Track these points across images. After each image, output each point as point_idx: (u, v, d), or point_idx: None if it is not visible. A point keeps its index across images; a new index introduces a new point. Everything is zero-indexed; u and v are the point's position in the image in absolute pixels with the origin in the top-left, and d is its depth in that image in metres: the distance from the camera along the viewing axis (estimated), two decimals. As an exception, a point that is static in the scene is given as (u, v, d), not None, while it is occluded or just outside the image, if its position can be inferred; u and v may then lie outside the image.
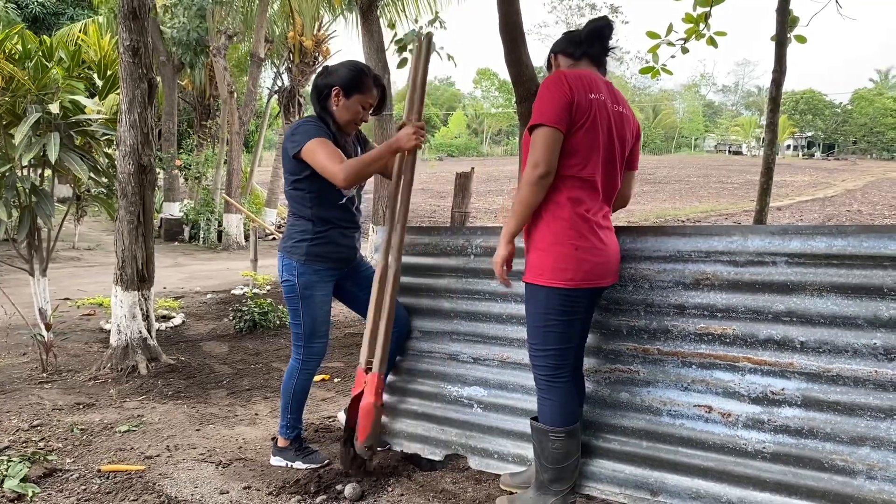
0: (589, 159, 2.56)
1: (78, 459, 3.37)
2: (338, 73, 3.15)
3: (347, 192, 3.17)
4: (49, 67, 5.10)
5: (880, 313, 2.41)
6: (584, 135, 2.53)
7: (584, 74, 2.59)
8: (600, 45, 2.70)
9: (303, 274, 3.13)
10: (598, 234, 2.59)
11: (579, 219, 2.56)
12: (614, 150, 2.64)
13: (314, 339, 3.22)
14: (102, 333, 6.19)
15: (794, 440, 2.54)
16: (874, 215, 20.71)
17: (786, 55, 5.57)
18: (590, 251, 2.56)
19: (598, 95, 2.56)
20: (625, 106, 2.69)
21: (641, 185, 33.12)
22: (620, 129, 2.65)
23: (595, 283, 2.61)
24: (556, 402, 2.68)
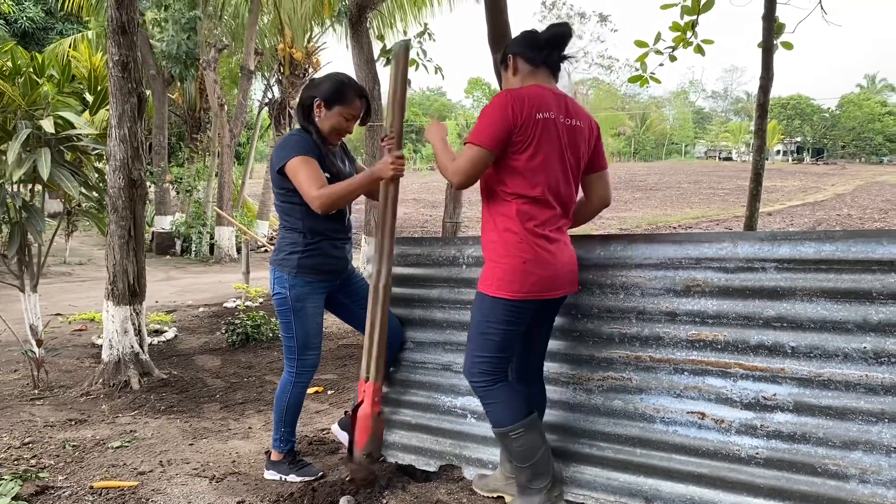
0: (537, 179, 2.60)
1: (70, 476, 3.35)
2: (321, 85, 3.17)
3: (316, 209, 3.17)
4: (39, 84, 5.10)
5: (870, 317, 2.42)
6: (530, 157, 2.57)
7: (532, 94, 2.59)
8: (559, 53, 2.71)
9: (294, 286, 3.12)
10: (547, 247, 2.61)
11: (529, 233, 2.60)
12: (567, 165, 2.65)
13: (307, 351, 3.22)
14: (94, 348, 6.16)
15: (786, 445, 2.54)
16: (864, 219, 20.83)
17: (773, 62, 5.61)
18: (537, 264, 2.59)
19: (547, 114, 2.57)
20: (578, 116, 2.69)
21: (633, 192, 33.25)
22: (573, 142, 2.66)
23: (541, 295, 2.62)
24: (499, 402, 2.70)
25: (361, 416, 3.08)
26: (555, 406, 3.03)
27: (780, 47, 5.82)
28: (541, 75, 2.71)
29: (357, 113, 3.19)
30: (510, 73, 2.77)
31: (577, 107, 2.72)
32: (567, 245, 2.73)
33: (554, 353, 3.04)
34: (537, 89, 2.63)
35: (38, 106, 5.13)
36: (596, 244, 2.98)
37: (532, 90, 2.62)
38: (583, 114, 2.73)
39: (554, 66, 2.73)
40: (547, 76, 2.72)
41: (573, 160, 2.67)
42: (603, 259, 2.95)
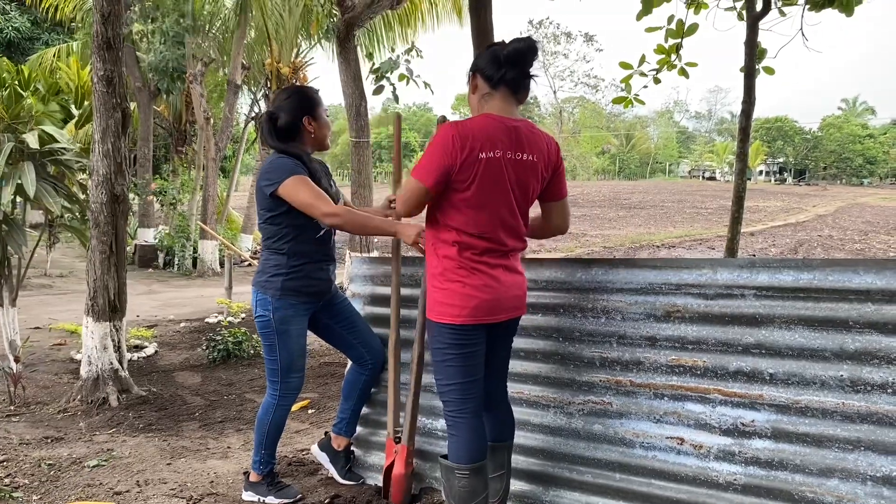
0: (478, 218, 2.54)
1: (45, 496, 3.31)
2: (289, 105, 3.16)
3: (325, 225, 3.16)
4: (24, 97, 5.07)
5: (846, 346, 2.45)
6: (472, 195, 2.52)
7: (478, 129, 2.51)
8: (521, 71, 2.60)
9: (278, 309, 3.11)
10: (489, 272, 2.57)
11: (467, 260, 2.57)
12: (513, 200, 2.58)
13: (291, 374, 3.20)
14: (73, 364, 6.09)
15: (764, 472, 2.56)
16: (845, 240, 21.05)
17: (755, 86, 5.68)
18: (478, 288, 2.56)
19: (492, 153, 2.50)
20: (531, 149, 2.59)
21: (616, 210, 33.42)
22: (521, 178, 2.58)
23: (485, 319, 2.58)
24: (461, 438, 2.66)
25: (396, 476, 3.11)
26: (535, 430, 3.03)
27: (763, 72, 5.91)
28: (499, 96, 2.61)
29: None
30: (470, 92, 2.72)
31: (534, 137, 2.61)
32: (512, 270, 2.66)
33: (535, 376, 3.05)
34: (486, 121, 2.54)
35: (21, 119, 5.11)
36: (577, 268, 3.00)
37: (480, 123, 2.54)
38: (538, 145, 2.61)
39: (514, 85, 2.60)
40: (506, 96, 2.61)
41: (520, 195, 2.61)
42: (584, 282, 2.96)
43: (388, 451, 3.22)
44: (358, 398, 3.46)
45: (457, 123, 2.55)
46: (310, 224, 3.09)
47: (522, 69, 2.59)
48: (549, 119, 58.94)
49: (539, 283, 3.07)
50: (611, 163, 77.38)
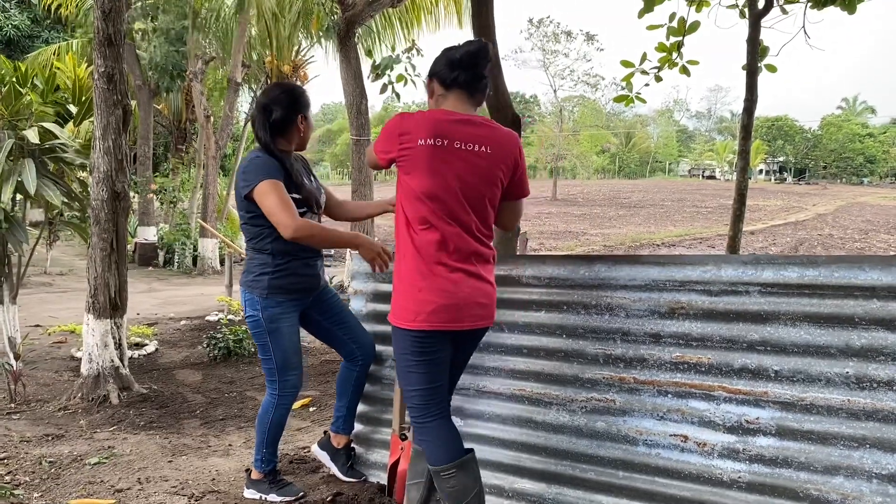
0: (428, 206, 2.53)
1: (46, 494, 3.30)
2: (286, 101, 3.12)
3: (312, 219, 3.14)
4: (23, 94, 5.06)
5: (852, 342, 2.44)
6: (418, 183, 2.52)
7: (425, 119, 2.54)
8: (473, 73, 2.60)
9: (266, 308, 3.08)
10: (447, 276, 2.52)
11: (424, 262, 2.53)
12: (466, 193, 2.55)
13: (287, 372, 3.18)
14: (73, 361, 6.08)
15: (769, 469, 2.54)
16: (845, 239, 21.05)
17: (757, 84, 5.68)
18: (435, 293, 2.51)
19: (438, 141, 2.50)
20: (486, 142, 2.57)
21: (616, 209, 33.43)
22: (474, 169, 2.55)
23: (445, 325, 2.53)
24: (432, 441, 2.64)
25: (402, 473, 3.08)
26: (538, 427, 3.02)
27: (765, 70, 5.89)
28: (452, 97, 2.63)
29: None
30: (428, 97, 2.73)
31: (489, 131, 2.60)
32: (476, 276, 2.58)
33: (538, 374, 3.04)
34: (434, 113, 2.57)
35: (21, 116, 5.10)
36: (580, 264, 2.99)
37: (427, 113, 2.57)
38: (494, 139, 2.59)
39: (467, 86, 2.61)
40: (460, 97, 2.62)
41: (472, 189, 2.56)
42: (587, 279, 2.95)
43: (394, 447, 3.20)
44: (352, 395, 3.44)
45: (403, 114, 2.62)
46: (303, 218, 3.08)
47: (475, 71, 2.60)
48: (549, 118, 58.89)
49: (542, 280, 3.06)
50: (611, 162, 77.34)
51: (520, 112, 4.90)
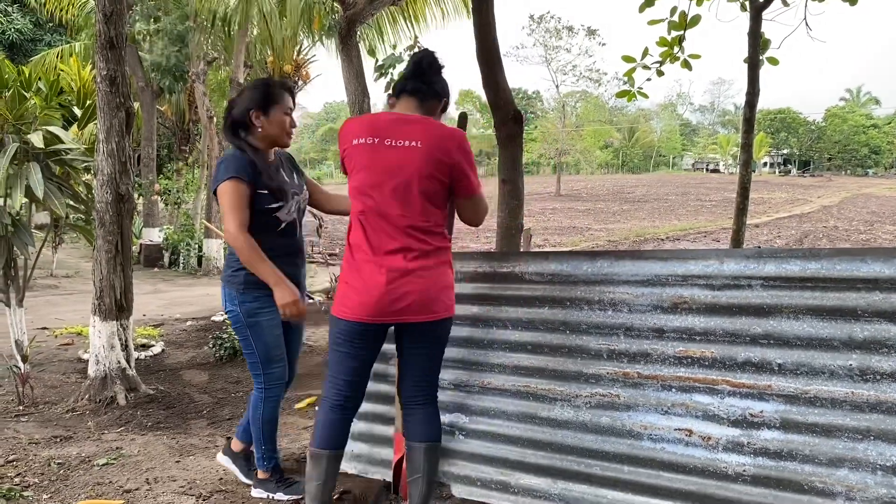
0: (361, 202, 2.67)
1: (55, 495, 3.32)
2: (245, 97, 3.15)
3: (286, 217, 3.13)
4: (27, 98, 5.08)
5: (855, 335, 2.44)
6: (354, 180, 2.70)
7: (361, 121, 2.74)
8: (419, 80, 2.78)
9: (244, 302, 3.11)
10: (369, 270, 2.63)
11: (352, 256, 2.69)
12: (395, 188, 2.62)
13: (271, 364, 3.18)
14: (80, 363, 6.11)
15: (773, 462, 2.55)
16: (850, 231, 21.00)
17: (759, 77, 5.67)
18: (355, 289, 2.65)
19: (368, 140, 2.65)
20: (421, 138, 2.63)
21: (620, 204, 33.39)
22: (401, 165, 2.62)
23: (361, 318, 2.64)
24: (317, 422, 2.83)
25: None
26: (542, 423, 3.03)
27: (766, 62, 5.89)
28: (400, 104, 2.80)
29: (293, 106, 3.19)
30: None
31: (426, 129, 2.66)
32: (401, 272, 2.62)
33: (542, 370, 3.05)
34: (374, 116, 2.77)
35: (25, 120, 5.12)
36: (583, 260, 3.00)
37: (366, 117, 2.77)
38: (428, 135, 2.64)
39: (413, 92, 2.78)
40: (406, 102, 2.78)
41: (403, 183, 2.62)
42: (590, 275, 2.96)
43: (397, 445, 3.22)
44: None
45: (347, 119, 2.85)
46: (270, 216, 3.08)
47: (421, 78, 2.78)
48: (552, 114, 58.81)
49: (544, 276, 3.07)
50: (614, 157, 77.22)
51: (522, 108, 4.91)
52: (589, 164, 60.63)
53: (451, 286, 2.75)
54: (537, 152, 52.78)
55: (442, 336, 2.83)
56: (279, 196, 3.09)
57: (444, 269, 2.72)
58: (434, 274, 2.67)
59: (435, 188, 2.66)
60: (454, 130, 2.72)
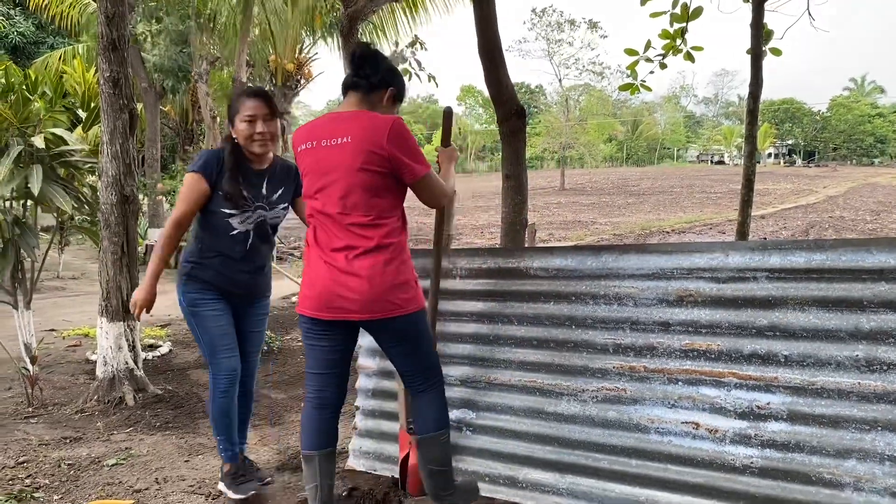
0: (311, 203, 2.77)
1: (66, 496, 3.34)
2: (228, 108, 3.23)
3: (240, 226, 3.15)
4: (31, 100, 5.10)
5: (861, 326, 2.44)
6: (304, 181, 2.81)
7: (305, 127, 2.84)
8: (355, 74, 2.82)
9: (187, 293, 3.18)
10: (316, 268, 2.71)
11: (307, 255, 2.79)
12: (337, 185, 2.66)
13: (218, 354, 3.20)
14: (88, 365, 6.13)
15: (781, 454, 2.55)
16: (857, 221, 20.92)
17: (762, 68, 5.65)
18: (307, 284, 2.75)
19: (308, 144, 2.75)
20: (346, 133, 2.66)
21: (625, 197, 33.33)
22: (339, 161, 2.66)
23: (310, 313, 2.73)
24: (301, 423, 2.90)
25: (412, 467, 3.13)
26: (549, 418, 3.03)
27: (769, 53, 5.86)
28: (346, 100, 2.84)
29: (254, 111, 3.11)
30: None
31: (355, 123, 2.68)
32: (340, 269, 2.64)
33: (548, 365, 3.05)
34: (316, 120, 2.84)
35: (30, 123, 5.13)
36: (587, 255, 3.00)
37: (310, 122, 2.85)
38: (357, 128, 2.66)
39: (353, 86, 2.81)
40: (351, 98, 2.82)
41: (342, 180, 2.65)
42: (595, 270, 2.96)
43: (403, 442, 3.23)
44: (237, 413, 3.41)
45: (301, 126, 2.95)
46: (222, 221, 3.11)
47: (356, 72, 2.83)
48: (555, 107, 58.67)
49: (549, 271, 3.07)
50: (618, 150, 77.07)
51: (525, 103, 4.90)
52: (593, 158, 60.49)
53: (404, 283, 2.68)
54: (541, 147, 52.65)
55: (406, 332, 2.77)
56: (235, 203, 3.11)
57: (393, 266, 2.66)
58: (379, 273, 2.62)
59: (374, 181, 2.65)
60: (385, 120, 2.67)
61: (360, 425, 3.63)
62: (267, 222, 3.26)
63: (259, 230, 3.23)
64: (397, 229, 2.72)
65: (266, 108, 3.15)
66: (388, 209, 2.70)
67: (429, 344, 2.88)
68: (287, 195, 3.32)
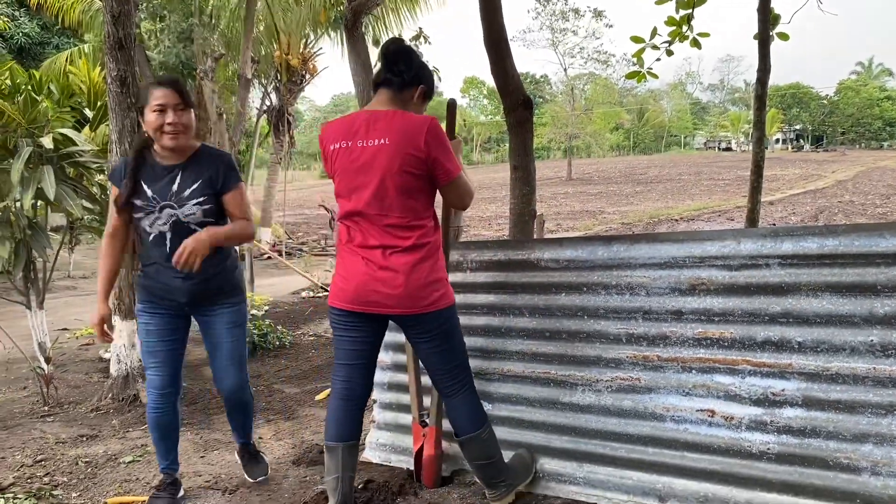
0: (343, 203, 2.76)
1: (84, 493, 3.37)
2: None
3: (151, 228, 2.99)
4: (39, 101, 5.11)
5: (875, 310, 2.43)
6: (337, 184, 2.77)
7: (337, 125, 2.78)
8: (388, 71, 2.77)
9: (138, 301, 3.19)
10: (352, 261, 2.72)
11: (342, 249, 2.80)
12: (372, 185, 2.64)
13: (146, 369, 3.18)
14: (102, 363, 6.17)
15: (797, 440, 2.55)
16: (866, 205, 20.81)
17: (769, 53, 5.61)
18: (342, 277, 2.76)
19: (343, 143, 2.71)
20: (384, 135, 2.63)
21: (633, 186, 33.24)
22: (374, 163, 2.64)
23: (343, 305, 2.75)
24: (327, 414, 2.91)
25: (427, 459, 3.17)
26: (564, 408, 3.04)
27: (777, 38, 5.82)
28: (377, 96, 2.80)
29: (163, 101, 2.93)
30: None
31: (392, 124, 2.65)
32: (381, 266, 2.66)
33: (561, 356, 3.05)
34: (349, 117, 2.78)
35: (38, 123, 5.15)
36: (598, 245, 3.00)
37: (341, 120, 2.79)
38: (395, 130, 2.63)
39: (386, 83, 2.77)
40: (382, 93, 2.78)
41: (378, 182, 2.64)
42: (606, 260, 2.96)
43: (416, 435, 3.24)
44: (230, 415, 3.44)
45: (324, 124, 2.85)
46: (139, 225, 3.02)
47: (389, 69, 2.77)
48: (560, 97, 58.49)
49: (560, 262, 3.07)
50: (625, 138, 76.79)
51: (530, 93, 4.89)
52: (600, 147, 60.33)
53: (437, 280, 2.70)
54: (547, 137, 52.54)
55: (438, 329, 2.77)
56: (133, 204, 2.98)
57: (427, 263, 2.69)
58: (414, 270, 2.65)
59: (411, 183, 2.65)
60: (422, 120, 2.66)
61: (378, 418, 3.65)
62: (182, 221, 2.98)
63: (177, 231, 2.98)
64: (431, 229, 2.75)
65: (177, 98, 2.95)
66: (423, 210, 2.72)
67: (459, 341, 2.87)
68: (205, 188, 3.02)
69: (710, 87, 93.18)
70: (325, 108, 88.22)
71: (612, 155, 71.58)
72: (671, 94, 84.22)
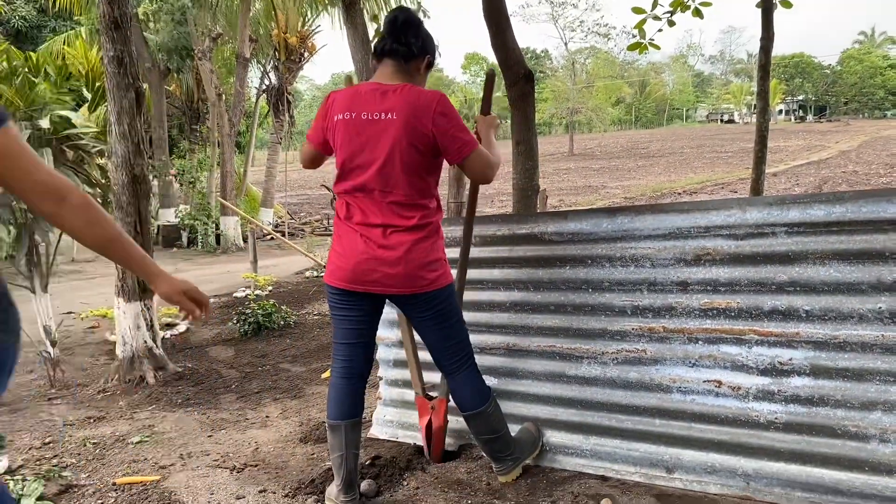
0: (343, 176, 2.69)
1: (93, 474, 3.38)
2: None
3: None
4: (36, 83, 5.08)
5: (883, 277, 2.41)
6: (338, 156, 2.69)
7: (343, 96, 2.69)
8: (395, 40, 2.68)
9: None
10: (354, 239, 2.66)
11: (342, 225, 2.73)
12: (375, 160, 2.59)
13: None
14: (108, 345, 6.19)
15: (805, 409, 2.55)
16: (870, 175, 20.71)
17: (772, 21, 5.55)
18: (339, 255, 2.71)
19: (348, 115, 2.62)
20: (397, 110, 2.56)
21: (636, 160, 33.10)
22: (380, 137, 2.58)
23: (341, 284, 2.70)
24: (328, 392, 2.89)
25: (437, 429, 3.16)
26: (570, 381, 3.04)
27: (780, 6, 5.75)
28: (381, 67, 2.72)
29: None
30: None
31: (401, 99, 2.58)
32: (381, 244, 2.62)
33: (566, 329, 3.04)
34: (353, 88, 2.72)
35: (36, 106, 5.12)
36: (602, 218, 2.97)
37: (347, 91, 2.71)
38: (403, 105, 2.57)
39: (391, 53, 2.69)
40: (387, 64, 2.70)
41: (384, 157, 2.58)
42: (611, 232, 2.94)
43: (421, 409, 3.23)
44: None
45: (330, 93, 2.77)
46: None
47: (396, 38, 2.68)
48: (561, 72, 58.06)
49: (564, 236, 3.05)
50: (627, 112, 76.34)
51: (532, 68, 4.83)
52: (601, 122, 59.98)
53: (436, 260, 2.68)
54: (548, 112, 52.23)
55: (437, 308, 2.75)
56: None
57: (427, 243, 2.66)
58: (413, 250, 2.62)
59: (418, 160, 2.60)
60: (431, 95, 2.61)
61: (384, 395, 3.65)
62: None
63: None
64: (434, 210, 2.71)
65: None
66: (428, 189, 2.68)
67: (458, 318, 2.86)
68: None
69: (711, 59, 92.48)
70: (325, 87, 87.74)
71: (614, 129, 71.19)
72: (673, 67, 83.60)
